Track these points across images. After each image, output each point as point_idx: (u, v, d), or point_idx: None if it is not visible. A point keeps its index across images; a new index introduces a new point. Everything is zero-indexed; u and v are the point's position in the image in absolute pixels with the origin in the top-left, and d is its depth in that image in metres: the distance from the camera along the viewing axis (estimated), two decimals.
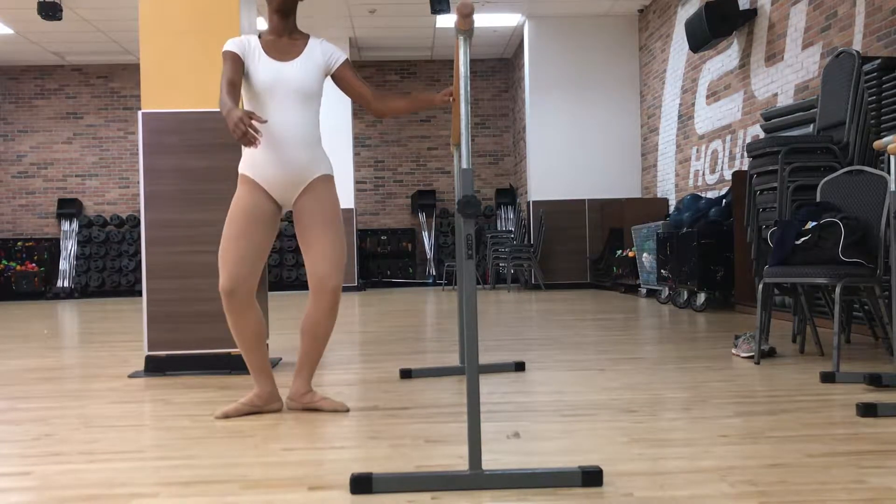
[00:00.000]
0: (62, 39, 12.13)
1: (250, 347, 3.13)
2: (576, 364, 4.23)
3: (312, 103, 3.13)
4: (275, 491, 2.13)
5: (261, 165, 3.08)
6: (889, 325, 3.92)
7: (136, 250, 13.28)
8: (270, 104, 3.07)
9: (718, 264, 6.94)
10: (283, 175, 3.08)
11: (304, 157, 3.09)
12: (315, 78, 3.12)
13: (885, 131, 4.83)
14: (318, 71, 3.14)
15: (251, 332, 3.11)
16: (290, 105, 3.07)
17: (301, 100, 3.09)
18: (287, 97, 3.07)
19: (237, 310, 3.07)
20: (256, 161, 3.09)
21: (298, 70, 3.10)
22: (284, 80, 3.07)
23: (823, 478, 2.13)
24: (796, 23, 6.78)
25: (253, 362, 3.15)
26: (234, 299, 3.05)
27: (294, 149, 3.07)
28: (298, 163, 3.08)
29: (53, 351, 5.54)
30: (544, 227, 11.33)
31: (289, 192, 3.12)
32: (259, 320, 3.12)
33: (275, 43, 3.15)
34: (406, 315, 7.69)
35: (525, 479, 2.13)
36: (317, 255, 3.08)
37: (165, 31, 4.33)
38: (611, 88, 11.43)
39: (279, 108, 3.07)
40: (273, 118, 3.06)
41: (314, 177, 3.13)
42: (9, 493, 2.18)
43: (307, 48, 3.16)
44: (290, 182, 3.10)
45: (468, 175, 2.15)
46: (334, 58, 3.20)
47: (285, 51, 3.14)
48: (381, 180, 14.22)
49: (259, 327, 3.13)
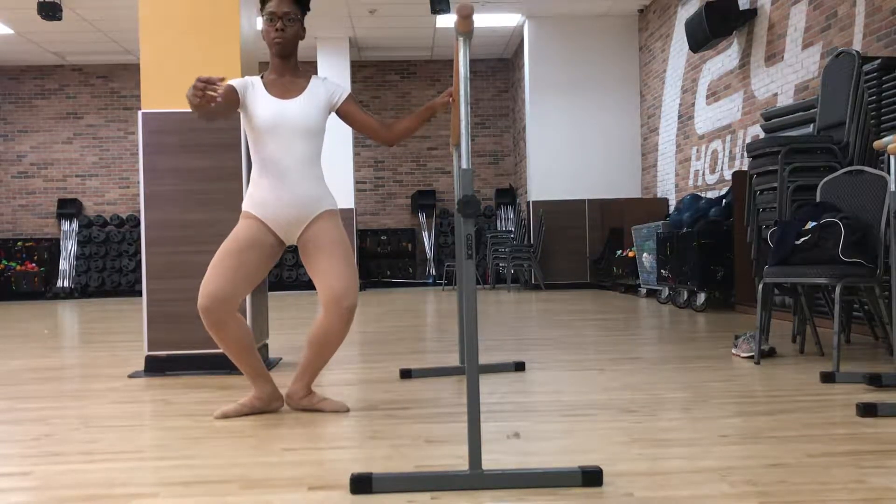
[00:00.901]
0: (62, 39, 12.13)
1: (239, 357, 3.10)
2: (576, 364, 4.23)
3: (315, 141, 3.11)
4: (275, 491, 2.13)
5: (263, 204, 3.07)
6: (889, 325, 3.92)
7: (136, 250, 13.28)
8: (272, 143, 3.06)
9: (718, 264, 6.94)
10: (286, 214, 3.07)
11: (307, 194, 3.07)
12: (317, 115, 3.11)
13: (885, 131, 4.83)
14: (320, 108, 3.13)
15: (235, 343, 3.07)
16: (292, 143, 3.06)
17: (303, 137, 3.08)
18: (289, 135, 3.06)
19: (214, 325, 3.02)
20: (259, 200, 3.08)
21: (300, 108, 3.08)
22: (286, 117, 3.06)
23: (823, 478, 2.13)
24: (796, 23, 6.78)
25: (246, 369, 3.14)
26: (209, 316, 3.00)
27: (297, 187, 3.06)
28: (301, 201, 3.07)
29: (53, 351, 5.54)
30: (544, 227, 11.33)
31: (292, 229, 3.10)
32: (240, 329, 3.07)
33: (277, 82, 3.15)
34: (406, 315, 7.69)
35: (525, 479, 2.13)
36: (331, 275, 3.02)
37: (165, 31, 4.33)
38: (611, 88, 11.43)
39: (281, 146, 3.06)
40: (275, 156, 3.05)
41: (318, 213, 3.11)
42: (9, 493, 2.18)
43: (310, 86, 3.15)
44: (294, 220, 3.08)
45: (468, 175, 2.15)
46: (337, 94, 3.19)
47: (287, 89, 3.13)
48: (381, 180, 14.22)
49: (242, 335, 3.07)
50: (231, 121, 4.31)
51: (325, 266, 3.04)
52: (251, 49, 4.59)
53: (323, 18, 11.27)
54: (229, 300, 3.01)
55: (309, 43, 12.38)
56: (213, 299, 2.99)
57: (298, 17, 3.15)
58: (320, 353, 3.11)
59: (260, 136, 3.07)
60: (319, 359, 3.13)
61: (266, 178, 3.07)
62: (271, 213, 3.08)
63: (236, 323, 3.06)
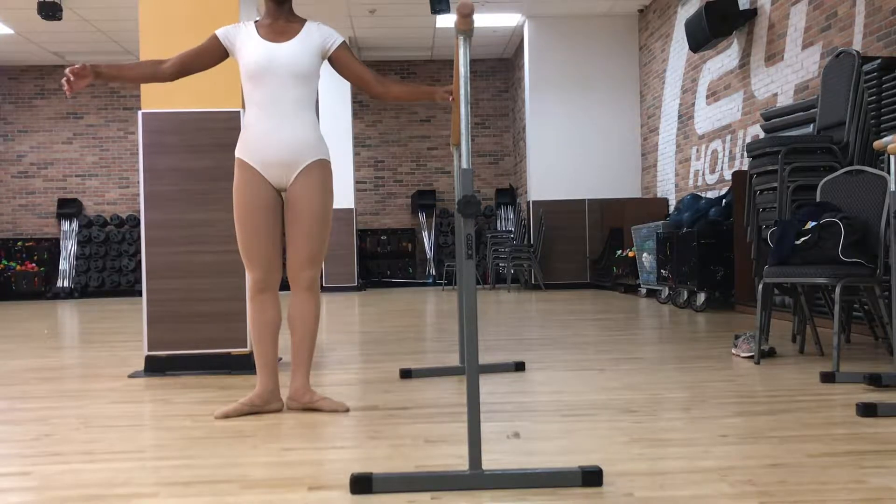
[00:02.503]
0: (62, 39, 12.13)
1: (264, 340, 3.17)
2: (576, 364, 4.23)
3: (307, 85, 3.12)
4: (275, 491, 2.13)
5: (255, 146, 3.09)
6: (889, 325, 3.92)
7: (136, 250, 13.28)
8: (264, 84, 3.08)
9: (718, 264, 6.94)
10: (277, 155, 3.08)
11: (298, 137, 3.09)
12: (310, 59, 3.12)
13: (885, 131, 4.83)
14: (313, 53, 3.14)
15: (268, 325, 3.16)
16: (283, 85, 3.08)
17: (295, 80, 3.09)
18: (280, 77, 3.08)
19: (264, 302, 3.13)
20: (251, 142, 3.10)
21: (292, 50, 3.10)
22: (277, 60, 3.08)
23: (823, 478, 2.13)
24: (796, 23, 6.78)
25: (262, 355, 3.17)
26: (265, 292, 3.13)
27: (288, 129, 3.08)
28: (293, 143, 3.08)
29: (53, 351, 5.54)
30: (544, 227, 11.33)
31: (284, 174, 3.11)
32: (278, 315, 3.18)
33: (270, 26, 3.17)
34: (406, 315, 7.69)
35: (525, 479, 2.13)
36: (296, 247, 3.11)
37: (165, 31, 4.33)
38: (611, 88, 11.43)
39: (272, 88, 3.08)
40: (267, 99, 3.08)
41: (310, 160, 3.12)
42: (9, 493, 2.18)
43: (303, 30, 3.17)
44: (285, 163, 3.09)
45: (468, 175, 2.15)
46: (331, 40, 3.20)
47: (280, 32, 3.15)
48: (381, 180, 14.22)
49: (276, 321, 3.18)
50: (230, 121, 4.31)
51: (292, 237, 3.12)
52: None
53: (323, 18, 11.27)
54: (276, 273, 3.15)
55: None
56: (267, 272, 3.12)
57: None
58: (302, 333, 3.16)
59: (252, 78, 3.10)
60: (302, 342, 3.17)
61: (258, 121, 3.09)
62: (263, 155, 3.09)
63: (277, 307, 3.18)
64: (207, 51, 3.18)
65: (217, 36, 3.17)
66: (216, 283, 4.30)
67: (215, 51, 3.18)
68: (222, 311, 4.29)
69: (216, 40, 3.17)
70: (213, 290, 4.30)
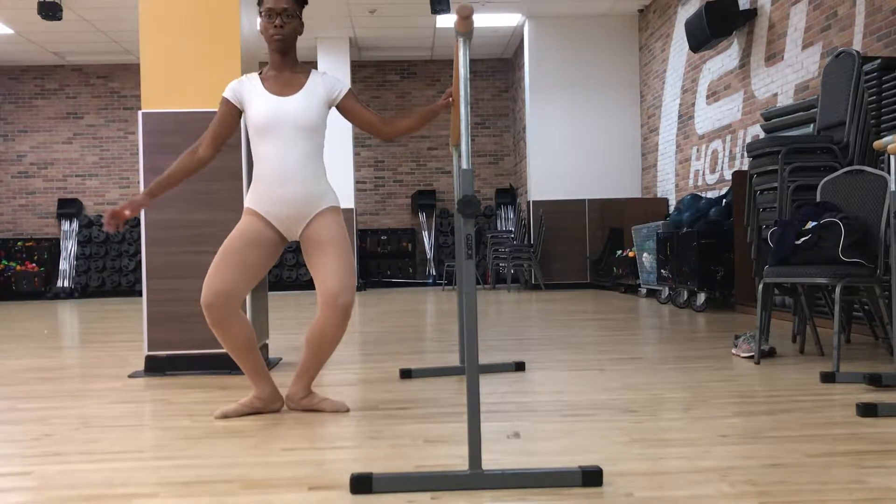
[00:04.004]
0: (62, 39, 12.13)
1: (241, 355, 3.11)
2: (576, 364, 4.23)
3: (315, 137, 3.10)
4: (275, 491, 2.13)
5: (265, 200, 3.07)
6: (889, 325, 3.92)
7: (136, 250, 13.28)
8: (271, 140, 3.05)
9: (718, 264, 6.94)
10: (287, 211, 3.07)
11: (307, 192, 3.07)
12: (317, 111, 3.10)
13: (885, 131, 4.83)
14: (320, 104, 3.12)
15: (237, 341, 3.08)
16: (291, 140, 3.05)
17: (302, 134, 3.07)
18: (288, 132, 3.05)
19: (217, 322, 3.03)
20: (261, 197, 3.08)
21: (298, 105, 3.07)
22: (284, 114, 3.05)
23: (823, 478, 2.13)
24: (796, 23, 6.78)
25: (247, 368, 3.14)
26: (213, 312, 3.01)
27: (297, 184, 3.05)
28: (302, 198, 3.06)
29: (53, 351, 5.54)
30: (544, 227, 11.33)
31: (294, 226, 3.10)
32: (243, 327, 3.08)
33: (275, 78, 3.14)
34: (406, 315, 7.69)
35: (525, 479, 2.13)
36: (327, 272, 3.02)
37: (165, 31, 4.33)
38: (611, 88, 11.43)
39: (280, 143, 3.05)
40: (275, 154, 3.05)
41: (319, 209, 3.10)
42: (9, 493, 2.18)
43: (308, 82, 3.14)
44: (295, 217, 3.08)
45: (468, 175, 2.15)
46: (337, 89, 3.18)
47: (286, 85, 3.12)
48: (381, 180, 14.22)
49: (244, 334, 3.08)
50: None
51: (322, 263, 3.04)
52: (251, 49, 4.59)
53: (323, 18, 11.27)
54: (232, 296, 3.02)
55: (309, 43, 12.38)
56: (216, 295, 3.00)
57: (297, 12, 3.14)
58: (318, 352, 3.11)
59: (259, 133, 3.07)
60: (318, 358, 3.13)
61: (267, 176, 3.06)
62: (273, 210, 3.07)
63: (239, 321, 3.06)
64: (227, 116, 3.14)
65: (227, 99, 3.14)
66: None
67: (232, 112, 3.15)
68: None
69: (228, 104, 3.14)
70: None
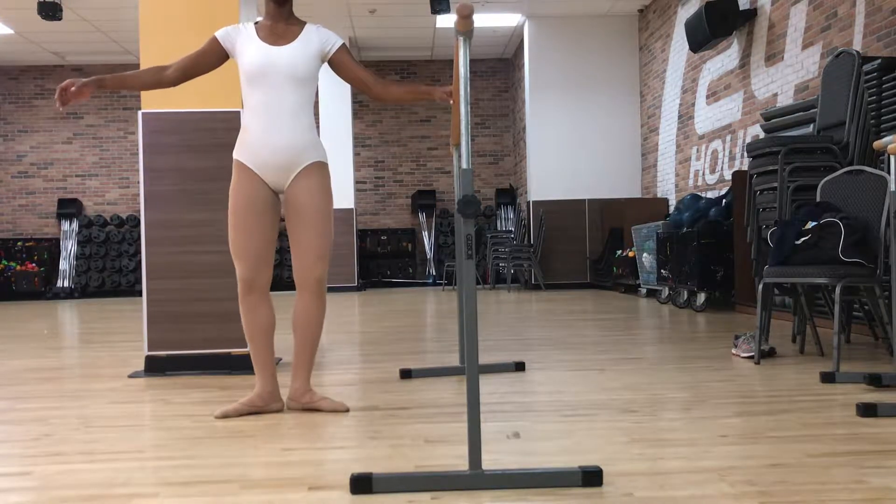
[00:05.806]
0: (62, 39, 12.13)
1: (258, 342, 3.16)
2: (576, 364, 4.23)
3: (305, 88, 3.13)
4: (275, 491, 2.13)
5: (253, 149, 3.10)
6: (889, 325, 3.92)
7: (136, 250, 13.28)
8: (262, 87, 3.09)
9: (718, 264, 6.94)
10: (274, 158, 3.09)
11: (295, 140, 3.10)
12: (309, 63, 3.12)
13: (885, 131, 4.83)
14: (312, 56, 3.14)
15: (261, 327, 3.15)
16: (281, 89, 3.08)
17: (293, 84, 3.09)
18: (279, 81, 3.08)
19: (254, 303, 3.13)
20: (249, 144, 3.11)
21: (291, 54, 3.10)
22: (276, 63, 3.08)
23: (823, 478, 2.13)
24: (796, 23, 6.78)
25: (258, 357, 3.17)
26: (253, 292, 3.12)
27: (286, 132, 3.08)
28: (290, 146, 3.09)
29: (53, 351, 5.54)
30: (544, 227, 11.33)
31: (281, 176, 3.12)
32: (270, 315, 3.17)
33: (270, 28, 3.17)
34: (406, 315, 7.69)
35: (525, 479, 2.13)
36: (301, 247, 3.10)
37: (165, 31, 4.33)
38: (611, 88, 11.43)
39: (270, 91, 3.08)
40: (265, 102, 3.08)
41: (307, 163, 3.13)
42: (9, 493, 2.18)
43: (303, 33, 3.17)
44: (283, 166, 3.10)
45: (468, 175, 2.15)
46: (330, 43, 3.20)
47: (280, 35, 3.15)
48: (381, 180, 14.22)
49: (269, 323, 3.17)
50: (230, 121, 4.31)
51: (297, 239, 3.12)
52: None
53: (323, 18, 11.27)
54: (265, 272, 3.13)
55: None
56: (254, 270, 3.11)
57: None
58: (305, 334, 3.16)
59: (250, 81, 3.10)
60: (306, 340, 3.17)
61: (256, 124, 3.10)
62: (261, 158, 3.10)
63: (268, 308, 3.17)
64: (208, 53, 3.18)
65: (217, 38, 3.17)
66: (216, 283, 4.30)
67: (216, 53, 3.18)
68: (222, 311, 4.29)
69: (216, 42, 3.17)
70: (213, 290, 4.30)
